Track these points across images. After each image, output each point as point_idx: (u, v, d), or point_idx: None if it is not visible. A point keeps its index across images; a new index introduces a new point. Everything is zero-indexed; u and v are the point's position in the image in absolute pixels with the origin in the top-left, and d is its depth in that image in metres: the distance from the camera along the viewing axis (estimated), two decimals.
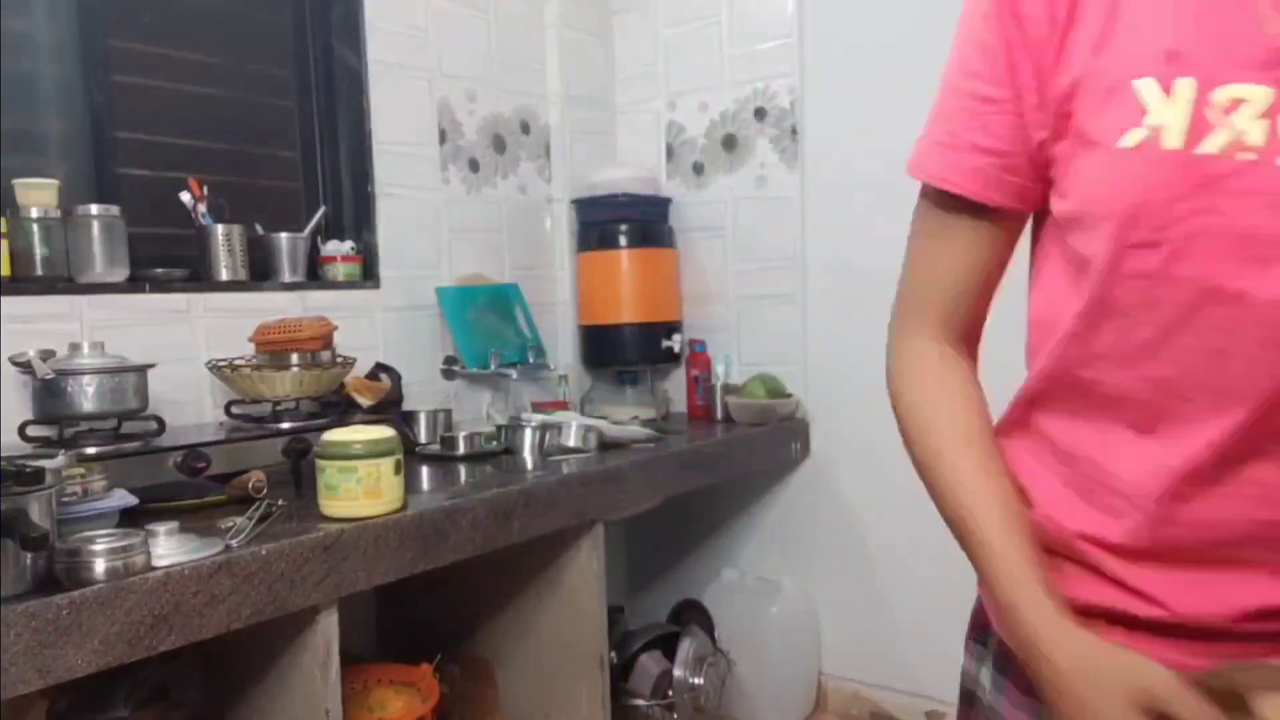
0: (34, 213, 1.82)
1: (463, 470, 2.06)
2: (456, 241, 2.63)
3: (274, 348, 1.96)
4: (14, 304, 1.78)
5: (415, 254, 2.52)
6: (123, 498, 1.43)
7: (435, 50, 2.56)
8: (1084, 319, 0.72)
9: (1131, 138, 0.65)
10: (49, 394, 1.68)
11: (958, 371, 0.93)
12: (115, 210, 1.93)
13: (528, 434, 2.17)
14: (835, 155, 2.65)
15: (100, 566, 1.21)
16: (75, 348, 1.73)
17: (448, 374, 2.56)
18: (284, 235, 2.26)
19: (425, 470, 2.07)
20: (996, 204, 0.78)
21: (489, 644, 2.17)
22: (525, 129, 2.82)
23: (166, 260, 2.07)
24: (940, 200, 0.81)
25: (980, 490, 0.81)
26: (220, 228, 2.12)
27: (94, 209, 1.90)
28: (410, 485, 1.87)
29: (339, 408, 2.07)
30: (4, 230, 1.81)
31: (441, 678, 2.03)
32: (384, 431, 1.61)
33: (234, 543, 1.40)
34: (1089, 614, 0.73)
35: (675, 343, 2.79)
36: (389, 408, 2.21)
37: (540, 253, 2.89)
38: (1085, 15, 0.69)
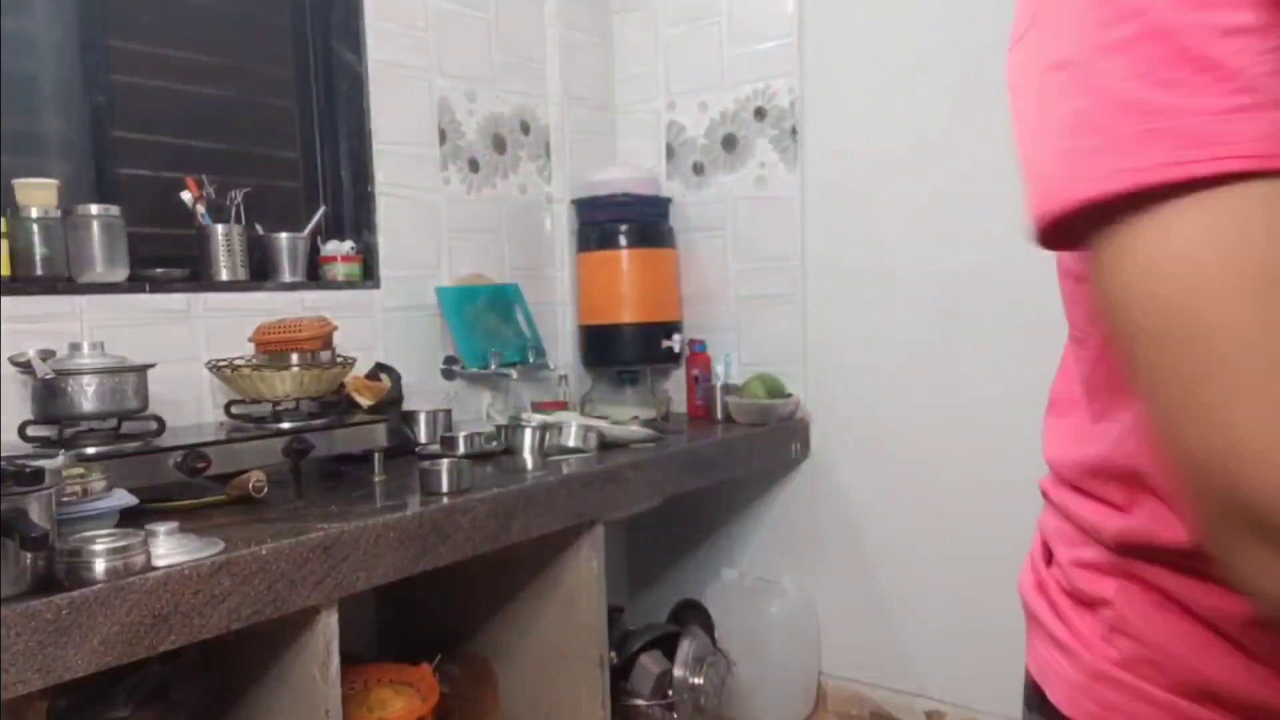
0: (34, 213, 1.82)
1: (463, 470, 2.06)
2: (456, 241, 2.63)
3: (274, 348, 1.96)
4: (14, 304, 1.78)
5: (415, 254, 2.52)
6: (123, 498, 1.43)
7: (435, 50, 2.56)
8: None
9: None
10: (49, 394, 1.68)
11: None
12: (115, 210, 1.93)
13: (528, 434, 2.17)
14: (835, 155, 2.65)
15: (100, 566, 1.21)
16: (75, 348, 1.73)
17: (448, 374, 2.56)
18: (284, 235, 2.26)
19: (425, 470, 2.07)
20: None
21: (489, 644, 2.17)
22: (525, 129, 2.82)
23: (166, 260, 2.07)
24: None
25: None
26: (220, 228, 2.12)
27: (94, 209, 1.90)
28: (410, 485, 1.87)
29: (339, 408, 2.07)
30: (4, 230, 1.81)
31: (441, 678, 2.03)
32: None
33: None
34: None
35: (675, 343, 2.79)
36: (389, 408, 2.21)
37: (540, 253, 2.89)
38: None
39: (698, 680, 2.39)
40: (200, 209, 2.12)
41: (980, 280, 2.43)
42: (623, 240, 2.75)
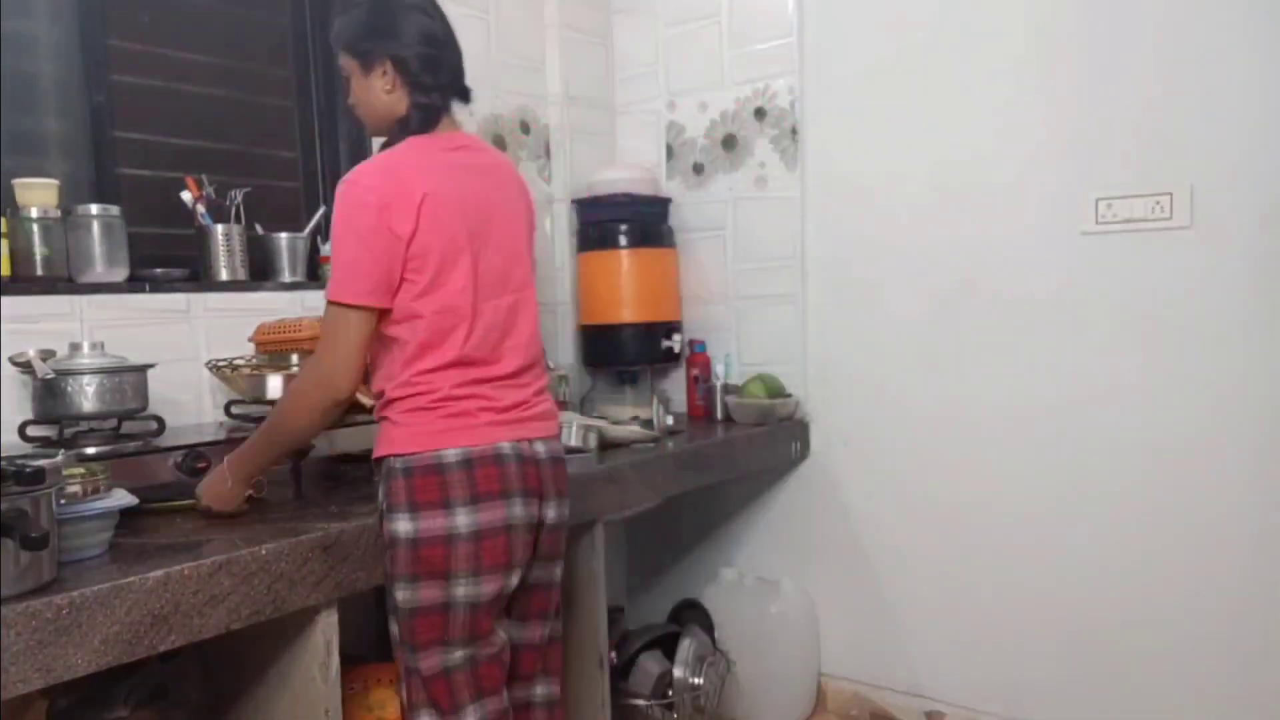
0: (34, 213, 1.82)
1: None
2: None
3: (274, 348, 1.96)
4: (14, 304, 1.78)
5: None
6: (123, 497, 1.43)
7: None
8: None
9: None
10: (49, 394, 1.68)
11: None
12: (115, 210, 1.93)
13: None
14: (835, 155, 2.65)
15: None
16: (75, 348, 1.73)
17: None
18: (284, 235, 2.26)
19: None
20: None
21: None
22: (525, 129, 2.82)
23: (166, 260, 2.07)
24: None
25: None
26: (220, 228, 2.12)
27: (94, 209, 1.90)
28: None
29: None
30: (4, 230, 1.81)
31: None
32: None
33: None
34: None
35: (675, 343, 2.79)
36: None
37: (540, 253, 2.88)
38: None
39: (698, 680, 2.39)
40: (200, 209, 2.12)
41: (979, 281, 2.43)
42: (623, 240, 2.75)
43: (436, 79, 1.53)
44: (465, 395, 1.47)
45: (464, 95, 1.60)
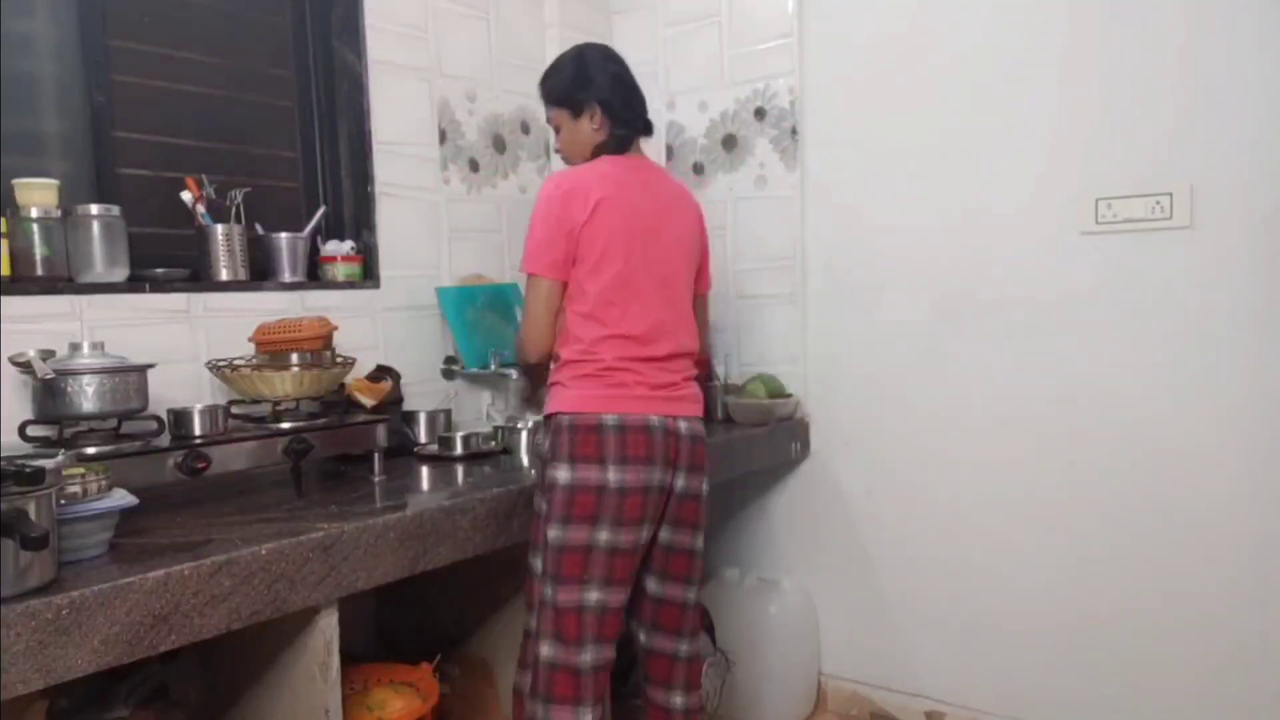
0: (34, 213, 1.82)
1: (462, 470, 2.06)
2: (456, 241, 2.63)
3: (274, 348, 1.96)
4: (14, 304, 1.78)
5: (415, 254, 2.52)
6: (123, 498, 1.43)
7: (435, 50, 2.57)
8: None
9: None
10: (49, 394, 1.68)
11: None
12: (115, 210, 1.93)
13: (523, 435, 2.17)
14: (835, 155, 2.65)
15: None
16: (75, 348, 1.73)
17: (448, 374, 2.56)
18: (284, 235, 2.26)
19: (425, 470, 2.07)
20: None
21: (489, 644, 2.16)
22: (525, 129, 2.82)
23: (166, 260, 2.07)
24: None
25: None
26: (220, 228, 2.12)
27: (94, 209, 1.90)
28: (410, 485, 1.87)
29: (340, 408, 2.07)
30: (4, 230, 1.81)
31: (441, 678, 2.03)
32: None
33: None
34: None
35: None
36: (390, 408, 2.21)
37: None
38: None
39: None
40: (200, 209, 2.12)
41: (979, 280, 2.43)
42: None
43: (630, 114, 1.91)
44: (623, 369, 1.75)
45: (648, 129, 1.96)
